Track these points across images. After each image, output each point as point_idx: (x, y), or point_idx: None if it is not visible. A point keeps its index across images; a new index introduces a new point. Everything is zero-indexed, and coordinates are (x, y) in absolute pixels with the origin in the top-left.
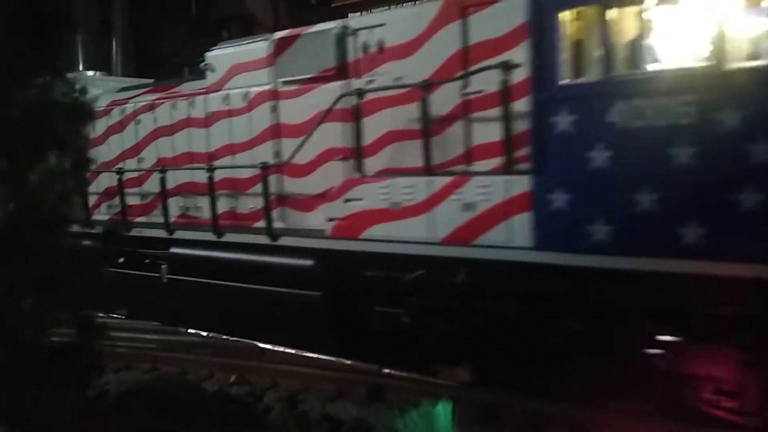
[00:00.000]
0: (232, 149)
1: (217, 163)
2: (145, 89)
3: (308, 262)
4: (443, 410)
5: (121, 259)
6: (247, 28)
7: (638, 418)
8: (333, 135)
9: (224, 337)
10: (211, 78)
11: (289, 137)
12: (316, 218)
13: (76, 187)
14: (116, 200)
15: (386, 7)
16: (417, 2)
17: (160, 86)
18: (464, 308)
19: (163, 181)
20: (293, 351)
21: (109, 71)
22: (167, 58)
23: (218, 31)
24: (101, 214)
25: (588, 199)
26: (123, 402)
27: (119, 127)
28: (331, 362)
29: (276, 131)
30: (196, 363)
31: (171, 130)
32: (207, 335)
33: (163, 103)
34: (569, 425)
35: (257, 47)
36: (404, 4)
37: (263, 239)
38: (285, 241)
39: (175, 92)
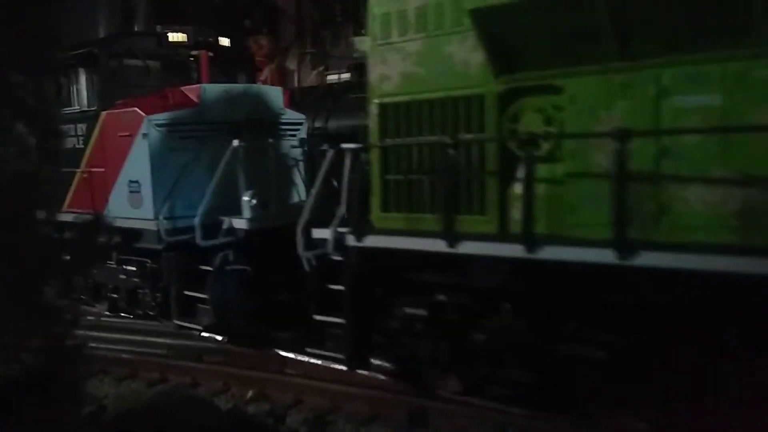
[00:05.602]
0: None
1: None
2: None
3: None
4: None
5: None
6: (271, 17)
7: None
8: None
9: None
10: None
11: None
12: None
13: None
14: None
15: None
16: None
17: None
18: None
19: None
20: (319, 362)
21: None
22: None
23: (241, 19)
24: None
25: None
26: (120, 423)
27: None
28: (362, 378)
29: None
30: (209, 373)
31: None
32: (221, 340)
33: None
34: None
35: None
36: None
37: None
38: None
39: None
